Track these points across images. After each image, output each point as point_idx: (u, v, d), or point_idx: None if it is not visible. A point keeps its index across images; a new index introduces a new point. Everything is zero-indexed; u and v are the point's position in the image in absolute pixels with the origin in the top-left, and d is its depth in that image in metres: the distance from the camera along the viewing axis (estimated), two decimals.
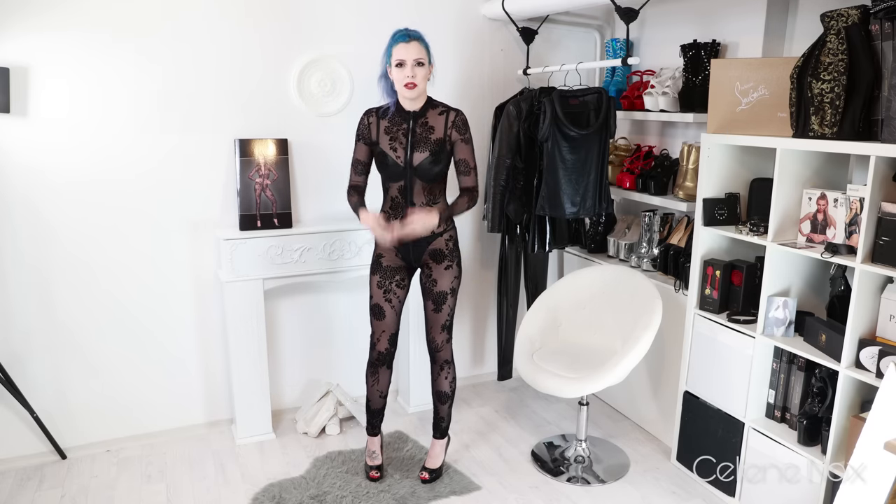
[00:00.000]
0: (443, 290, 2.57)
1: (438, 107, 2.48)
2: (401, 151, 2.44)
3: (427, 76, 2.41)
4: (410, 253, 2.56)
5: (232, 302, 2.89)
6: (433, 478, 2.70)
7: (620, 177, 3.21)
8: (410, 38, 2.36)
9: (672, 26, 3.19)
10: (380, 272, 2.58)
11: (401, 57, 2.35)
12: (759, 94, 2.40)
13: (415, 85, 2.36)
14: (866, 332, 2.10)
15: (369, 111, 2.51)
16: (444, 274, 2.56)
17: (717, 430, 2.61)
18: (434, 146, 2.44)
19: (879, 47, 2.00)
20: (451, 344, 2.66)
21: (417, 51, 2.35)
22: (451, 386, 2.69)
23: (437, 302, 2.57)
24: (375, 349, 2.63)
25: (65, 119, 2.66)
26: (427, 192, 2.48)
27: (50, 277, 2.75)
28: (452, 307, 2.61)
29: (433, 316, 2.59)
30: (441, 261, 2.55)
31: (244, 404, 3.00)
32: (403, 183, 2.46)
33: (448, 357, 2.66)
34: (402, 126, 2.45)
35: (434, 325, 2.60)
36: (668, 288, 2.88)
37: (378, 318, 2.60)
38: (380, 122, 2.48)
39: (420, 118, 2.45)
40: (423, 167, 2.44)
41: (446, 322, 2.61)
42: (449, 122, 2.46)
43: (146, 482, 2.70)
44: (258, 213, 2.92)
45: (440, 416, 2.72)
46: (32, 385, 2.78)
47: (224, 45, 2.84)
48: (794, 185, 2.32)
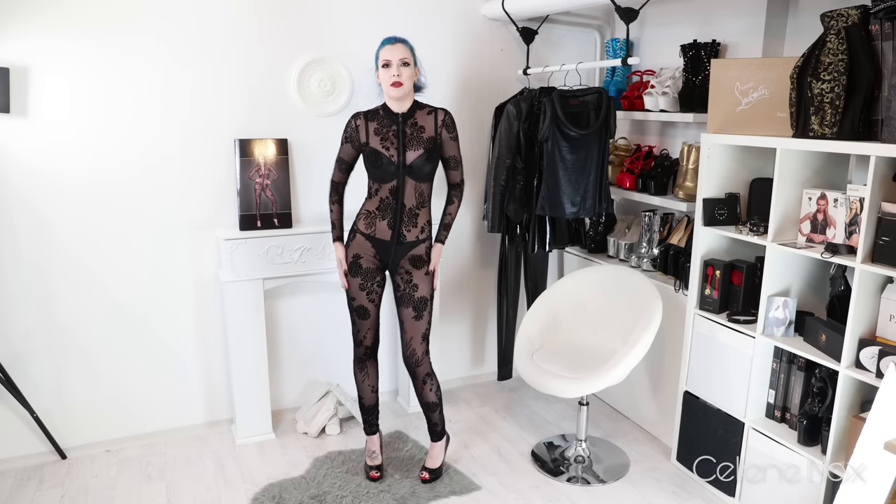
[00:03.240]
0: (423, 296, 2.56)
1: (425, 108, 2.52)
2: (393, 151, 2.46)
3: (413, 77, 2.45)
4: (391, 255, 2.56)
5: (232, 302, 2.88)
6: (433, 478, 2.70)
7: (620, 177, 3.21)
8: (396, 41, 2.44)
9: (672, 26, 3.19)
10: (360, 275, 2.57)
11: (386, 57, 2.41)
12: (759, 94, 2.40)
13: (400, 84, 2.40)
14: (866, 332, 2.10)
15: (357, 114, 2.52)
16: (424, 280, 2.57)
17: (717, 430, 2.61)
18: (427, 144, 2.48)
19: (879, 47, 2.00)
20: (429, 356, 2.63)
21: (402, 51, 2.41)
22: (437, 394, 2.67)
23: (417, 308, 2.56)
24: (362, 345, 2.65)
25: (65, 119, 2.66)
26: (417, 192, 2.50)
27: (50, 277, 2.75)
28: (430, 314, 2.61)
29: (413, 324, 2.56)
30: (421, 266, 2.56)
31: (244, 404, 3.00)
32: (395, 183, 2.47)
33: (428, 370, 2.63)
34: (392, 128, 2.47)
35: (414, 334, 2.57)
36: (668, 288, 2.88)
37: (363, 318, 2.61)
38: (368, 124, 2.50)
39: (408, 119, 2.48)
40: (416, 165, 2.46)
41: (426, 331, 2.59)
42: (438, 121, 2.51)
43: (146, 482, 2.70)
44: (258, 213, 2.92)
45: (433, 422, 2.72)
46: (32, 385, 2.78)
47: (224, 45, 2.84)
48: (794, 185, 2.32)
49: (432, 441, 2.75)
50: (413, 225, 2.52)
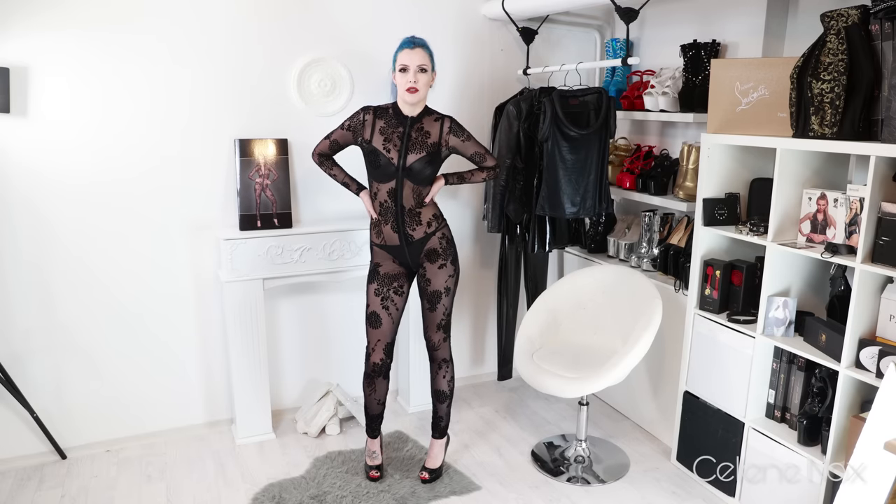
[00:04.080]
0: (437, 290, 2.57)
1: (433, 114, 2.52)
2: (394, 153, 2.46)
3: (429, 83, 2.46)
4: (408, 256, 2.56)
5: (232, 302, 2.88)
6: (433, 478, 2.70)
7: (620, 177, 3.21)
8: (415, 45, 2.42)
9: (672, 26, 3.19)
10: (377, 280, 2.58)
11: (404, 62, 2.40)
12: (759, 94, 2.40)
13: (416, 90, 2.40)
14: (866, 332, 2.10)
15: (367, 108, 2.53)
16: (437, 273, 2.56)
17: (717, 430, 2.61)
18: (430, 148, 2.48)
19: (879, 47, 2.00)
20: (448, 343, 2.66)
21: (421, 57, 2.40)
22: (450, 385, 2.69)
23: (431, 301, 2.58)
24: (370, 360, 2.61)
25: (65, 119, 2.66)
26: (415, 194, 2.49)
27: (50, 277, 2.75)
28: (448, 306, 2.61)
29: (428, 315, 2.61)
30: (435, 260, 2.56)
31: (244, 404, 3.00)
32: (394, 185, 2.47)
33: (446, 356, 2.66)
34: (399, 129, 2.47)
35: (430, 324, 2.61)
36: (668, 288, 2.88)
37: (374, 327, 2.58)
38: (376, 121, 2.49)
39: (416, 123, 2.48)
40: (416, 167, 2.46)
41: (442, 321, 2.61)
42: (445, 129, 2.50)
43: (146, 482, 2.70)
44: (258, 213, 2.92)
45: (439, 415, 2.72)
46: (32, 385, 2.78)
47: (224, 45, 2.84)
48: (794, 185, 2.32)
49: (433, 438, 2.75)
50: (417, 223, 2.52)
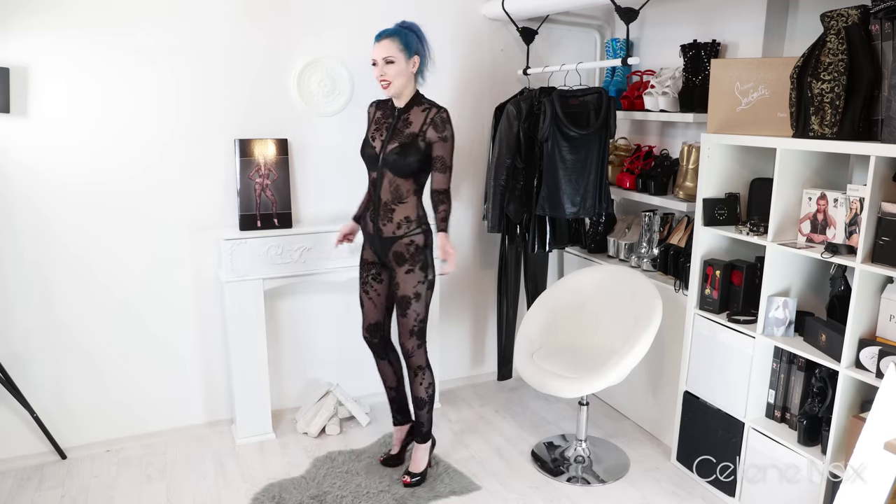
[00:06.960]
0: (405, 295, 2.53)
1: (423, 104, 2.49)
2: (378, 142, 2.49)
3: (403, 73, 2.41)
4: (378, 247, 2.57)
5: (232, 302, 2.88)
6: (415, 482, 2.67)
7: (620, 177, 3.21)
8: (381, 38, 2.41)
9: (672, 26, 3.19)
10: (361, 264, 2.67)
11: (373, 57, 2.43)
12: (759, 94, 2.40)
13: (388, 82, 2.41)
14: (866, 332, 2.10)
15: (374, 102, 2.62)
16: (405, 278, 2.53)
17: (717, 430, 2.61)
18: (405, 138, 2.44)
19: (879, 47, 2.00)
20: (424, 349, 2.62)
21: (386, 49, 2.38)
22: (428, 392, 2.66)
23: (400, 306, 2.56)
24: (365, 334, 2.73)
25: (65, 119, 2.66)
26: (393, 187, 2.47)
27: (50, 277, 2.75)
28: (420, 313, 2.56)
29: (400, 321, 2.58)
30: (402, 264, 2.52)
31: (244, 404, 3.00)
32: (376, 175, 2.50)
33: (421, 363, 2.63)
34: (389, 120, 2.51)
35: (402, 330, 2.58)
36: (668, 288, 2.88)
37: (362, 307, 2.71)
38: (376, 112, 2.58)
39: (403, 114, 2.49)
40: (390, 158, 2.44)
41: (414, 328, 2.56)
42: (428, 118, 2.44)
43: (146, 482, 2.70)
44: (258, 213, 2.92)
45: (419, 421, 2.70)
46: (32, 385, 2.78)
47: (224, 45, 2.84)
48: (794, 185, 2.32)
49: (416, 443, 2.73)
50: (388, 220, 2.49)
